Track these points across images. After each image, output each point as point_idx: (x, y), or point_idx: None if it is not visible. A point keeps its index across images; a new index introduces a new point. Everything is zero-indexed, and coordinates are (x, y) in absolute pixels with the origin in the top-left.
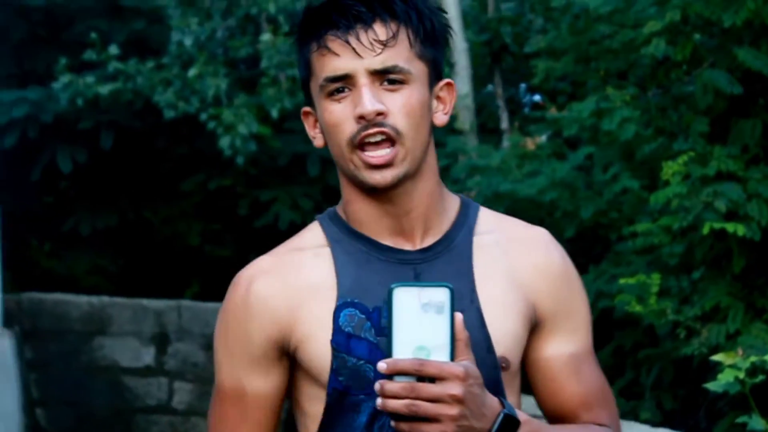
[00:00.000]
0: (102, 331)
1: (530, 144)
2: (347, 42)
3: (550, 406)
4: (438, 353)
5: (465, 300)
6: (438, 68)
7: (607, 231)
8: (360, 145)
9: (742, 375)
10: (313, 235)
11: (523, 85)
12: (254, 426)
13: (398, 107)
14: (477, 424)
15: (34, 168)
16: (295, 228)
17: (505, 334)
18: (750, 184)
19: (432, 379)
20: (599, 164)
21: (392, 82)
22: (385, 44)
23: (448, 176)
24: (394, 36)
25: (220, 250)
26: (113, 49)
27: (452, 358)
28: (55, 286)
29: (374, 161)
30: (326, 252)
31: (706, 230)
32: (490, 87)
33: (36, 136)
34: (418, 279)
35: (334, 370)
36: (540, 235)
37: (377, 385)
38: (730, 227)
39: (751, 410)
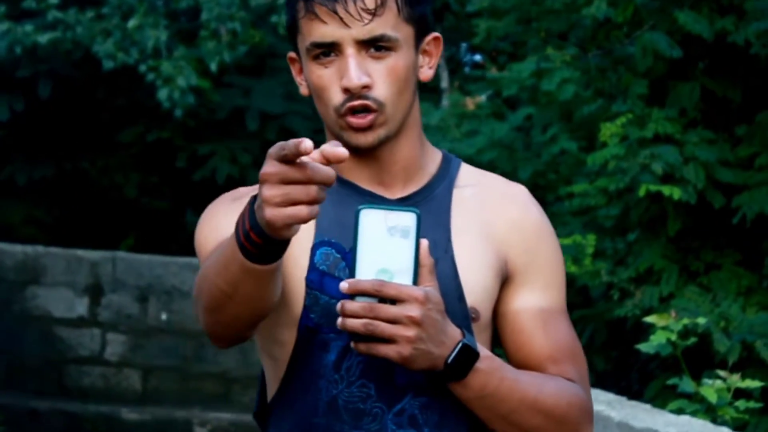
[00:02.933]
0: (35, 280)
1: (470, 104)
2: (335, 11)
3: (517, 359)
4: (401, 277)
5: (440, 249)
6: (425, 24)
7: (545, 192)
8: (344, 113)
9: (674, 337)
10: None
11: (464, 45)
12: None
13: (384, 76)
14: (435, 349)
15: None
16: (232, 182)
17: (476, 285)
18: (687, 147)
19: (393, 302)
20: (538, 125)
21: (379, 49)
22: (373, 13)
23: None
24: (383, 4)
25: (157, 203)
26: None
27: (415, 282)
28: None
29: (356, 123)
30: None
31: (642, 192)
32: None
33: None
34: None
35: (306, 307)
36: (518, 191)
37: (339, 305)
38: (666, 190)
39: (682, 372)
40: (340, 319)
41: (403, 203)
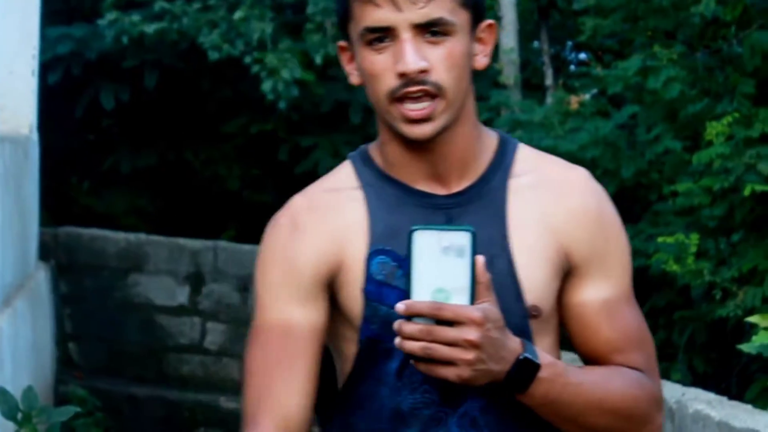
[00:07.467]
0: (138, 268)
1: (574, 102)
2: None
3: (583, 351)
4: (458, 296)
5: (496, 247)
6: (480, 11)
7: (647, 191)
8: (399, 98)
9: None
10: (346, 176)
11: (569, 43)
12: (300, 358)
13: (441, 61)
14: (495, 366)
15: (77, 105)
16: None
17: (535, 281)
18: None
19: (450, 323)
20: (643, 124)
21: (435, 34)
22: None
23: None
24: None
25: (258, 195)
26: None
27: (472, 301)
28: (93, 224)
29: (413, 115)
30: (359, 195)
31: (747, 192)
32: (536, 43)
33: (80, 73)
34: (450, 224)
35: (366, 319)
36: (577, 177)
37: (396, 324)
38: None
39: None
40: (398, 339)
41: (456, 199)
